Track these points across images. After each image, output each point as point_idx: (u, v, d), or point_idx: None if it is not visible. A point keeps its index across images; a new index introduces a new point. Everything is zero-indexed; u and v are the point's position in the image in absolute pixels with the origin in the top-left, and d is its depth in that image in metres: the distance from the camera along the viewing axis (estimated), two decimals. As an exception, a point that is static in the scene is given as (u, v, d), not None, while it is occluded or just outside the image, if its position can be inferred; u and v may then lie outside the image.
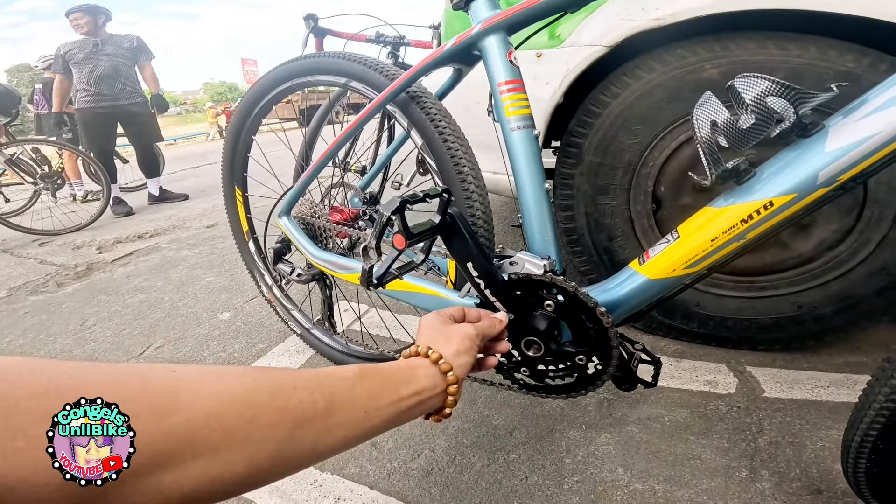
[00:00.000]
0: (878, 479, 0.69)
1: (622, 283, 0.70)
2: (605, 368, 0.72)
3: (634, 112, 1.12)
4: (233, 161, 1.29)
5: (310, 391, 0.41)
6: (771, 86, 0.56)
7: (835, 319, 1.12)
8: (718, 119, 0.58)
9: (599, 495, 0.87)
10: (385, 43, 2.22)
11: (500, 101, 0.77)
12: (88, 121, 3.74)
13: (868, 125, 0.54)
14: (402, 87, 0.85)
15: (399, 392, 0.51)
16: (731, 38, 1.03)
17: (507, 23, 0.78)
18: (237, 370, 0.39)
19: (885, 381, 0.61)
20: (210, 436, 0.33)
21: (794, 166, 0.57)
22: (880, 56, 0.95)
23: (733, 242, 0.60)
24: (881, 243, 1.04)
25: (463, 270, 0.71)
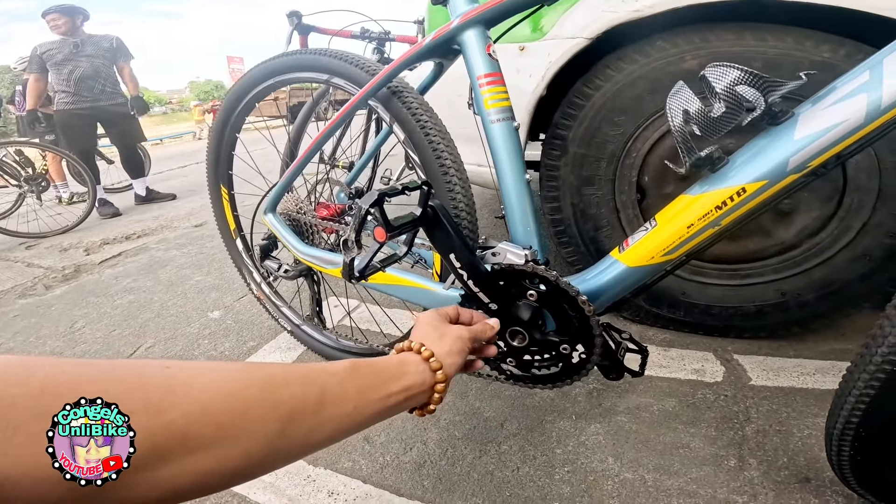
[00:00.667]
0: (862, 466, 0.70)
1: (603, 271, 0.72)
2: (588, 357, 0.74)
3: (617, 103, 1.14)
4: (217, 159, 1.30)
5: (301, 386, 0.43)
6: (740, 75, 0.57)
7: (818, 306, 1.14)
8: (691, 108, 0.59)
9: (590, 485, 0.88)
10: (370, 39, 2.22)
11: (479, 94, 0.78)
12: (67, 122, 3.71)
13: (836, 112, 0.56)
14: (382, 82, 0.86)
15: (388, 388, 0.52)
16: (709, 29, 1.05)
17: (485, 16, 0.79)
18: (230, 365, 0.40)
19: (862, 367, 0.62)
20: (204, 431, 0.34)
21: (765, 154, 0.58)
22: (857, 46, 0.97)
23: (709, 229, 0.62)
24: (862, 230, 1.06)
25: (446, 262, 0.72)
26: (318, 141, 0.96)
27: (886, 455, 0.68)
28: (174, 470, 0.33)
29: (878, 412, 0.63)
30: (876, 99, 0.55)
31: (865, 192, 1.03)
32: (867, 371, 0.61)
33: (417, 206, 0.66)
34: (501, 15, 0.80)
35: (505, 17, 0.81)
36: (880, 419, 0.64)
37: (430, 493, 0.90)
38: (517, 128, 0.77)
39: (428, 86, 0.98)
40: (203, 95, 51.72)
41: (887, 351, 0.58)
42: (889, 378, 0.59)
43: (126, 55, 3.90)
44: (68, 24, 3.60)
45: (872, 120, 0.55)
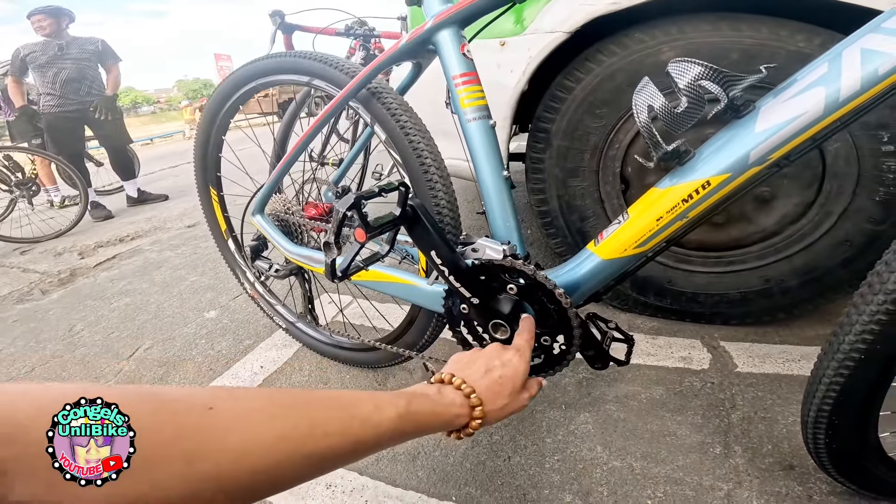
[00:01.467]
0: (837, 453, 0.72)
1: (580, 264, 0.74)
2: (569, 348, 0.76)
3: (598, 96, 1.16)
4: (205, 162, 1.32)
5: (340, 437, 0.44)
6: (702, 70, 0.59)
7: (802, 292, 1.17)
8: (655, 104, 0.61)
9: (580, 473, 0.91)
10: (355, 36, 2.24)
11: (455, 93, 0.80)
12: (54, 125, 3.72)
13: (795, 105, 0.58)
14: (361, 83, 0.88)
15: (427, 433, 0.56)
16: (686, 20, 1.07)
17: (458, 17, 0.81)
18: (274, 407, 0.42)
19: (831, 355, 0.65)
20: (238, 476, 0.37)
21: (728, 147, 0.61)
22: (832, 35, 0.99)
23: (677, 221, 0.64)
24: (842, 216, 1.08)
25: (428, 259, 0.75)
26: (303, 142, 0.98)
27: (861, 443, 0.70)
28: (220, 498, 0.36)
29: (849, 400, 0.65)
30: (834, 91, 0.57)
31: (844, 178, 1.06)
32: (836, 359, 0.63)
33: (397, 206, 0.69)
34: (474, 15, 0.82)
35: (478, 17, 0.82)
36: (851, 408, 0.66)
37: (425, 483, 0.93)
38: (493, 126, 0.80)
39: (407, 85, 1.00)
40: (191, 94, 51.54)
41: (854, 339, 0.61)
42: (857, 366, 0.62)
43: (114, 57, 3.91)
44: (53, 25, 3.59)
45: (831, 112, 0.57)
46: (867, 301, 0.59)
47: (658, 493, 0.85)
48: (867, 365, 0.61)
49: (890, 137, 0.99)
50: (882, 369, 0.62)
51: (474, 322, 0.81)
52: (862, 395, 0.65)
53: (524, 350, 0.70)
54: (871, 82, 0.55)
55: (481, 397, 0.61)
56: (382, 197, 0.66)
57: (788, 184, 1.11)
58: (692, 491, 0.85)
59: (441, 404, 0.58)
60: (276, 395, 0.44)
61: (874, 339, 0.59)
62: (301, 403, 0.44)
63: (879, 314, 0.58)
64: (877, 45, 0.56)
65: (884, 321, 0.58)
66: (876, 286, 0.58)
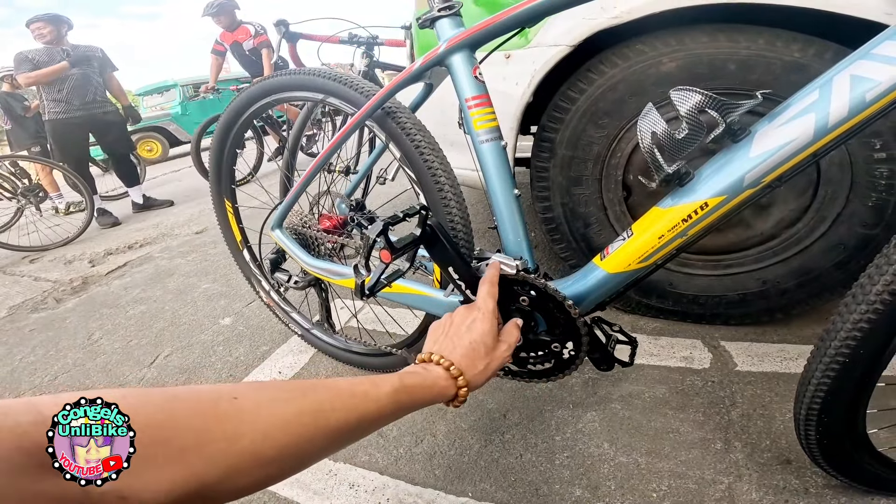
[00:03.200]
0: (828, 448, 0.77)
1: (587, 276, 0.79)
2: (577, 353, 0.82)
3: (600, 106, 1.21)
4: (219, 175, 1.37)
5: (346, 412, 0.51)
6: (702, 99, 0.64)
7: (798, 293, 1.22)
8: (658, 130, 0.67)
9: (588, 469, 0.97)
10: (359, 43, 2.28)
11: (468, 115, 0.85)
12: (60, 131, 3.74)
13: (787, 131, 0.63)
14: (378, 104, 0.93)
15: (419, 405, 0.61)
16: (685, 31, 1.11)
17: (470, 41, 0.85)
18: (288, 393, 0.48)
19: (819, 358, 0.69)
20: (268, 452, 0.43)
21: (724, 170, 0.66)
22: (825, 45, 1.02)
23: (677, 239, 0.70)
24: (836, 220, 1.13)
25: (445, 274, 0.81)
26: (320, 161, 1.04)
27: (850, 439, 0.75)
28: (248, 480, 0.42)
29: (837, 400, 0.70)
30: (823, 117, 0.61)
31: (838, 184, 1.10)
32: (823, 362, 0.68)
33: (416, 227, 0.74)
34: (486, 38, 0.86)
35: (489, 40, 0.86)
36: (839, 406, 0.71)
37: (442, 480, 0.99)
38: (505, 146, 0.85)
39: (419, 103, 1.05)
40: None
41: (839, 344, 0.66)
42: (843, 368, 0.67)
43: (112, 66, 3.96)
44: (53, 32, 3.62)
45: (820, 138, 0.61)
46: (851, 310, 0.64)
47: (663, 486, 0.91)
48: (852, 367, 0.66)
49: (882, 145, 1.04)
50: (866, 371, 0.67)
51: (489, 331, 0.87)
52: (848, 394, 0.70)
53: (485, 305, 0.74)
54: (858, 108, 0.60)
55: (460, 367, 0.66)
56: (407, 221, 0.72)
57: (785, 190, 1.16)
58: (695, 484, 0.90)
59: (429, 379, 0.64)
60: (284, 385, 0.52)
61: (858, 345, 0.64)
62: (308, 389, 0.50)
63: (862, 322, 0.63)
64: (865, 71, 0.60)
65: (866, 328, 0.63)
66: (859, 297, 0.63)
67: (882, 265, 0.62)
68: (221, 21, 4.40)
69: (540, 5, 0.78)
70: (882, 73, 0.59)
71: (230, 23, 4.44)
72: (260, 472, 0.42)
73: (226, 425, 0.40)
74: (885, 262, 0.62)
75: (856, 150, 1.06)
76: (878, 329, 0.63)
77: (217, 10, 4.35)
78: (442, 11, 0.89)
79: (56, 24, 3.65)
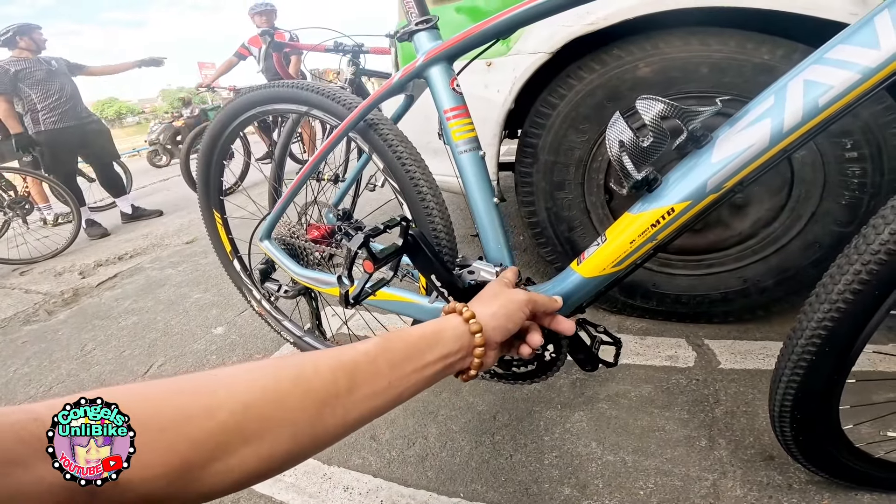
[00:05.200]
0: (804, 445, 0.80)
1: (564, 281, 0.83)
2: (558, 356, 0.86)
3: (580, 112, 1.25)
4: (208, 186, 1.40)
5: (331, 371, 0.46)
6: (664, 107, 0.67)
7: (777, 291, 1.27)
8: (624, 138, 0.70)
9: (576, 468, 1.00)
10: (344, 52, 2.32)
11: (447, 126, 0.88)
12: (56, 141, 3.68)
13: (745, 137, 0.66)
14: (360, 116, 0.96)
15: (424, 358, 0.54)
16: (659, 36, 1.16)
17: (446, 54, 0.88)
18: (263, 363, 0.46)
19: (787, 357, 0.73)
20: (250, 425, 0.40)
21: (689, 176, 0.69)
22: (793, 46, 1.07)
23: (648, 243, 0.73)
24: (811, 219, 1.18)
25: (428, 281, 0.84)
26: (306, 173, 1.07)
27: (826, 435, 0.78)
28: (238, 459, 0.39)
29: (807, 397, 0.74)
30: (779, 123, 0.63)
31: (811, 183, 1.15)
32: (791, 360, 0.72)
33: (398, 237, 0.78)
34: (462, 50, 0.89)
35: (465, 52, 0.90)
36: (811, 403, 0.75)
37: (434, 482, 1.02)
38: (483, 156, 0.88)
39: (401, 114, 1.08)
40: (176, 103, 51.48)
41: (805, 343, 0.69)
42: (810, 366, 0.70)
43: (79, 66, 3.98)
44: (30, 44, 3.59)
45: (776, 143, 0.64)
46: (815, 310, 0.68)
47: (649, 484, 0.94)
48: (819, 365, 0.70)
49: (853, 144, 1.08)
50: (833, 368, 0.70)
51: (472, 335, 0.90)
52: (818, 391, 0.73)
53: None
54: (811, 113, 0.62)
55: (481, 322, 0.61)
56: (388, 233, 0.75)
57: (761, 190, 1.20)
58: (680, 481, 0.94)
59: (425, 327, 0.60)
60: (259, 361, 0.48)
61: (823, 343, 0.68)
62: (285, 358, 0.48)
63: (826, 321, 0.67)
64: (818, 76, 0.62)
65: (829, 327, 0.67)
66: (822, 296, 0.67)
67: (843, 265, 0.66)
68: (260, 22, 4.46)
69: (512, 18, 0.81)
70: (834, 78, 0.61)
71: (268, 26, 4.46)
72: (248, 451, 0.40)
73: (202, 399, 0.39)
74: (846, 262, 0.66)
75: (827, 149, 1.11)
76: (841, 328, 0.67)
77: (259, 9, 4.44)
78: (419, 25, 0.92)
79: (28, 32, 3.59)
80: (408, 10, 0.94)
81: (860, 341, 0.69)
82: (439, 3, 1.43)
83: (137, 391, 0.38)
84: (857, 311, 0.65)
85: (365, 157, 1.05)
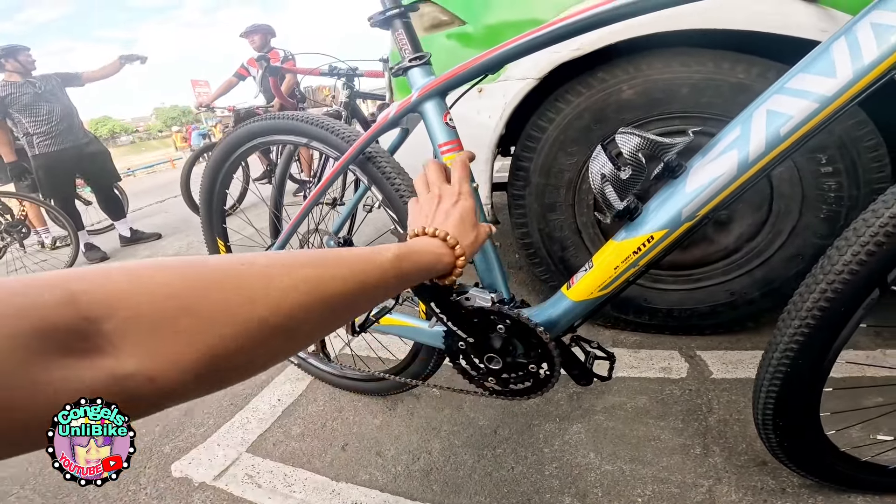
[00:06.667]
0: (790, 450, 0.85)
1: (555, 304, 0.89)
2: (552, 373, 0.92)
3: (569, 135, 1.32)
4: (210, 215, 1.46)
5: (343, 280, 0.49)
6: (640, 141, 0.72)
7: (763, 302, 1.33)
8: (606, 171, 0.76)
9: (576, 477, 1.05)
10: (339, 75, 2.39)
11: (441, 160, 0.95)
12: (52, 165, 3.66)
13: (714, 167, 0.71)
14: (359, 150, 1.03)
15: (424, 277, 0.66)
16: (642, 58, 1.22)
17: (439, 89, 0.94)
18: (294, 263, 0.46)
19: (766, 367, 0.79)
20: (274, 319, 0.41)
21: (666, 205, 0.75)
22: (768, 64, 1.13)
23: (630, 269, 0.79)
24: (792, 232, 1.24)
25: (428, 308, 0.90)
26: (308, 206, 1.13)
27: (810, 441, 0.83)
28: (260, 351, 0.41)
29: (788, 405, 0.79)
30: (745, 153, 0.68)
31: (791, 198, 1.21)
32: (769, 371, 0.77)
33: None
34: (454, 85, 0.94)
35: (457, 87, 0.95)
36: (792, 410, 0.80)
37: (440, 495, 1.07)
38: (476, 188, 0.94)
39: (398, 146, 1.14)
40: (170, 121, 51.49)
41: (780, 355, 0.75)
42: (786, 377, 0.76)
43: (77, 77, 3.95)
44: (19, 66, 3.54)
45: (743, 173, 0.69)
46: (787, 325, 0.74)
47: (647, 491, 0.99)
48: (795, 374, 0.75)
49: (828, 159, 1.15)
50: (809, 378, 0.76)
51: (471, 355, 0.96)
52: (798, 400, 0.79)
53: (463, 187, 0.80)
54: (774, 143, 0.67)
55: (455, 237, 0.71)
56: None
57: (743, 206, 1.27)
58: (677, 488, 0.98)
59: (428, 246, 0.67)
60: (294, 255, 0.49)
61: (796, 355, 0.74)
62: (315, 258, 0.49)
63: (797, 335, 0.73)
64: (779, 106, 0.67)
65: (801, 341, 0.73)
66: (793, 312, 0.73)
67: (811, 284, 0.73)
68: (254, 41, 4.51)
69: (499, 56, 0.87)
70: (794, 107, 0.66)
71: (262, 44, 4.52)
72: (275, 344, 0.42)
73: (243, 291, 0.40)
74: (813, 280, 0.72)
75: (804, 165, 1.17)
76: (812, 342, 0.73)
77: (252, 28, 4.50)
78: (413, 62, 0.99)
79: (13, 54, 3.52)
80: (401, 46, 1.00)
81: (832, 352, 0.74)
82: (431, 31, 1.50)
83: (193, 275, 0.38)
84: (826, 325, 0.71)
85: (363, 187, 1.11)
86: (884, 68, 0.62)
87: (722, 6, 1.11)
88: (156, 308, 0.34)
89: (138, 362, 0.32)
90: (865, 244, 0.66)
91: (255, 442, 1.33)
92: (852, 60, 0.63)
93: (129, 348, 0.32)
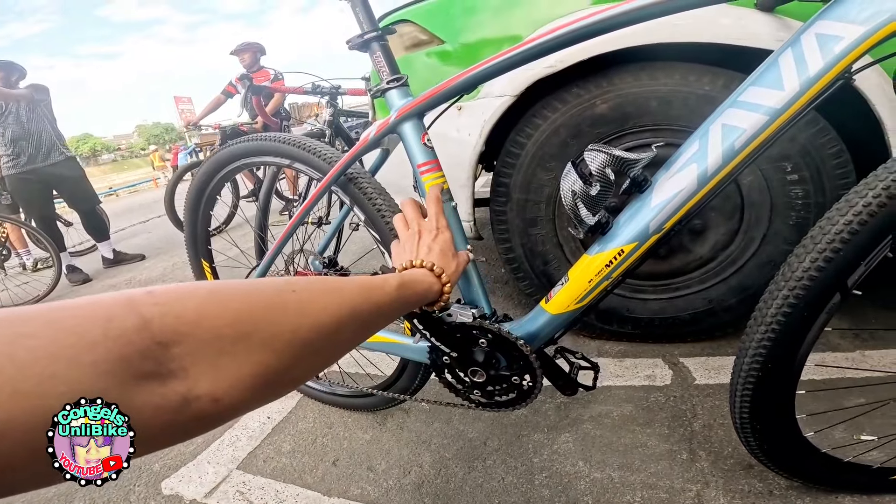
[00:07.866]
0: (771, 453, 0.88)
1: (535, 318, 0.93)
2: (534, 384, 0.95)
3: (546, 150, 1.36)
4: (195, 237, 1.48)
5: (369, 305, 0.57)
6: (606, 157, 0.76)
7: (740, 308, 1.38)
8: (576, 188, 0.80)
9: (566, 486, 1.08)
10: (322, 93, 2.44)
11: (420, 180, 0.98)
12: (18, 188, 3.65)
13: (676, 181, 0.75)
14: (341, 171, 1.06)
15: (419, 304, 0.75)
16: (615, 72, 1.27)
17: (417, 111, 0.97)
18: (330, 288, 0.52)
19: (738, 373, 0.82)
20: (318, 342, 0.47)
21: (634, 219, 0.79)
22: (732, 75, 1.18)
23: (604, 282, 0.83)
24: (763, 240, 1.29)
25: (412, 324, 0.94)
26: (292, 227, 1.17)
27: (789, 443, 0.87)
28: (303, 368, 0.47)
29: (762, 409, 0.82)
30: (703, 167, 0.72)
31: (760, 207, 1.26)
32: (741, 376, 0.81)
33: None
34: (430, 106, 0.97)
35: (433, 108, 0.98)
36: (766, 414, 0.83)
37: (432, 508, 1.08)
38: (455, 207, 0.98)
39: (378, 166, 1.18)
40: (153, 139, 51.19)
41: (750, 361, 0.79)
42: (758, 381, 0.79)
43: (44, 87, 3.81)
44: (3, 80, 3.48)
45: (703, 186, 0.73)
46: (755, 331, 0.78)
47: (636, 497, 1.02)
48: (765, 379, 0.79)
49: (793, 167, 1.20)
50: (780, 381, 0.80)
51: (456, 369, 0.99)
52: (770, 403, 0.82)
53: (439, 222, 0.88)
54: (730, 156, 0.71)
55: (441, 267, 0.79)
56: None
57: (716, 215, 1.32)
58: (665, 493, 1.01)
59: (418, 276, 0.75)
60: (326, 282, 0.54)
61: (765, 360, 0.78)
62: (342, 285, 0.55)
63: (764, 341, 0.77)
64: (733, 120, 0.71)
65: (768, 346, 0.76)
66: (759, 319, 0.78)
67: (773, 290, 0.77)
68: (244, 59, 4.60)
69: (473, 76, 0.90)
70: (746, 121, 0.70)
71: (251, 62, 4.64)
72: (312, 361, 0.48)
73: (290, 317, 0.44)
74: (776, 287, 0.77)
75: (770, 174, 1.22)
76: (778, 347, 0.76)
77: (241, 47, 4.60)
78: (391, 83, 1.02)
79: (6, 70, 3.50)
80: (379, 69, 1.04)
81: (800, 356, 0.78)
82: (412, 50, 1.55)
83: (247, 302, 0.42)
84: (791, 330, 0.75)
85: (346, 208, 1.15)
86: (830, 78, 0.67)
87: (695, 20, 1.15)
88: (220, 333, 0.37)
89: (206, 385, 0.35)
90: (823, 251, 0.71)
91: (246, 459, 1.35)
92: (798, 72, 0.68)
93: (197, 372, 0.35)
